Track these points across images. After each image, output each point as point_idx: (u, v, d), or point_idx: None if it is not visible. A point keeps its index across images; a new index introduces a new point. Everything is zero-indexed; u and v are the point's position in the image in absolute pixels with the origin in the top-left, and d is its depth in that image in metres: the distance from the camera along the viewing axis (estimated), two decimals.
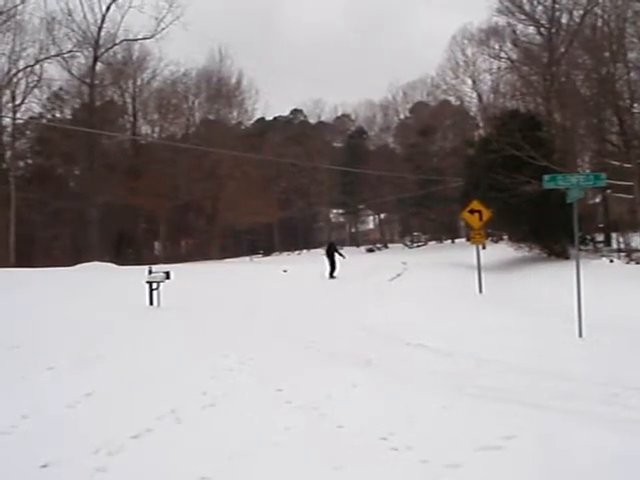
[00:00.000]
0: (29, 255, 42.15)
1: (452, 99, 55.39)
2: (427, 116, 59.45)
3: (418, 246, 54.98)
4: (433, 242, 57.75)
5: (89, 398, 6.17)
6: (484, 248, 23.91)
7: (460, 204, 23.69)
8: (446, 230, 57.59)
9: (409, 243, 57.86)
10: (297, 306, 15.45)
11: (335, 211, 75.27)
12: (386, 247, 58.48)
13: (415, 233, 62.37)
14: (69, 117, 50.47)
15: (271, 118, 72.43)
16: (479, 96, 51.05)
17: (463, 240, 50.45)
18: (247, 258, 51.34)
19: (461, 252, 30.33)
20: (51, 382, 7.12)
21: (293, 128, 74.53)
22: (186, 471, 3.97)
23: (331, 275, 23.26)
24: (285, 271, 26.24)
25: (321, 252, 52.99)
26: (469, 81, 51.37)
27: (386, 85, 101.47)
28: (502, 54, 41.65)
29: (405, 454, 4.21)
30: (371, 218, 77.01)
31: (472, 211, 17.09)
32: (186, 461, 4.19)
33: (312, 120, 77.25)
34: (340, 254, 24.26)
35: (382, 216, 72.32)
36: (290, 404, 5.66)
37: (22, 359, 8.65)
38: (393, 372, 7.12)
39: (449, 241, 55.89)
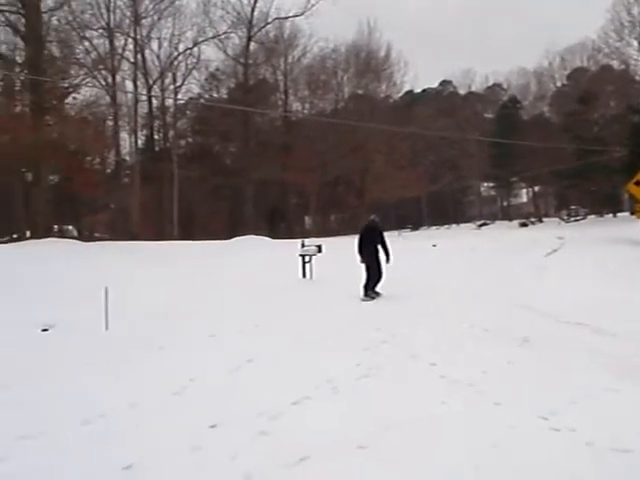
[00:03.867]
0: (190, 229, 44.81)
1: (615, 63, 51.73)
2: (587, 82, 55.87)
3: (576, 220, 52.10)
4: (592, 216, 54.45)
5: (249, 365, 6.49)
6: None
7: (624, 175, 22.06)
8: (607, 203, 54.10)
9: (566, 217, 54.98)
10: (446, 281, 15.24)
11: (486, 184, 73.17)
12: (540, 221, 56.02)
13: (572, 206, 59.05)
14: (225, 96, 52.74)
15: (420, 90, 71.45)
16: None
17: (626, 214, 47.24)
18: (395, 232, 51.30)
19: (624, 227, 28.35)
20: (214, 348, 7.57)
21: (442, 100, 73.04)
22: (344, 439, 4.07)
23: (370, 288, 12.68)
24: (434, 245, 25.97)
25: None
26: (635, 43, 47.56)
27: (540, 51, 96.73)
28: None
29: (568, 435, 4.04)
30: (524, 191, 74.02)
31: (638, 182, 15.89)
32: (343, 429, 4.29)
33: (462, 91, 75.36)
34: (386, 250, 13.17)
35: (536, 189, 69.19)
36: (444, 379, 5.61)
37: (186, 326, 9.26)
38: (551, 351, 6.83)
39: (610, 215, 52.50)
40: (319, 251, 16.13)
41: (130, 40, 41.23)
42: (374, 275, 12.85)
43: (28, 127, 26.35)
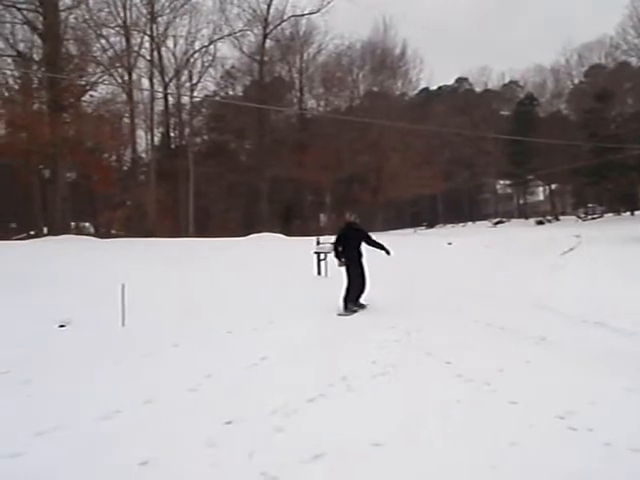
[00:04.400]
0: (206, 226, 44.93)
1: (633, 60, 51.33)
2: (604, 80, 55.37)
3: (593, 218, 51.61)
4: (610, 214, 53.93)
5: (264, 362, 6.50)
6: None
7: None
8: (625, 201, 53.57)
9: (583, 215, 54.49)
10: (461, 279, 15.18)
11: (502, 182, 72.71)
12: (557, 219, 55.51)
13: (589, 205, 58.51)
14: (240, 94, 52.78)
15: (435, 88, 71.21)
16: None
17: None
18: (410, 230, 51.15)
19: None
20: (229, 345, 7.60)
21: (458, 97, 72.78)
22: (360, 436, 4.06)
23: (352, 300, 10.74)
24: (450, 244, 25.87)
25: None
26: None
27: (557, 48, 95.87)
28: None
29: (586, 435, 4.01)
30: (541, 189, 73.52)
31: None
32: (359, 426, 4.28)
33: (478, 88, 74.99)
34: (380, 245, 11.23)
35: (553, 187, 68.69)
36: (460, 377, 5.58)
37: (201, 323, 9.29)
38: (569, 350, 6.79)
39: (628, 213, 51.99)
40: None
41: (146, 38, 41.41)
42: (358, 284, 10.89)
43: (45, 124, 26.57)
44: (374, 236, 11.57)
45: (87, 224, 51.71)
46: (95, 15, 33.93)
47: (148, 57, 42.06)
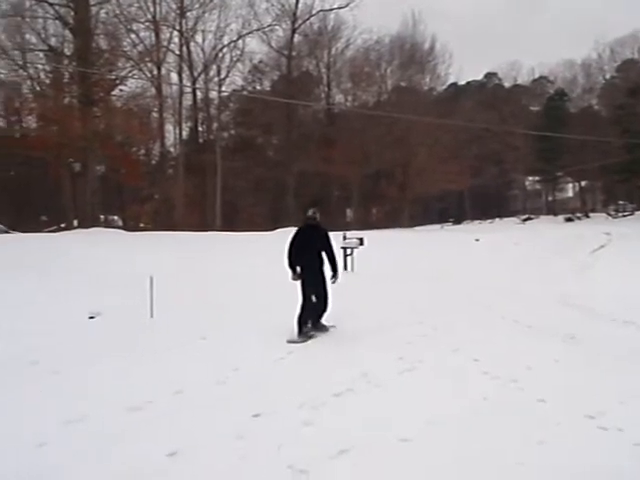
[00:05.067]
0: (233, 220, 45.12)
1: None
2: (637, 75, 54.39)
3: (623, 216, 50.76)
4: None
5: (290, 356, 6.55)
6: None
7: None
8: None
9: (613, 212, 53.64)
10: (489, 276, 15.07)
11: (531, 178, 71.84)
12: (587, 217, 54.73)
13: (620, 202, 57.57)
14: (268, 89, 52.88)
15: (464, 83, 70.52)
16: None
17: None
18: (437, 226, 50.84)
19: None
20: (256, 339, 7.62)
21: (486, 92, 71.96)
22: (386, 432, 4.07)
23: (313, 322, 8.24)
24: (477, 240, 25.68)
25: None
26: None
27: (589, 43, 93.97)
28: None
29: (615, 435, 3.97)
30: (570, 186, 72.52)
31: None
32: (385, 422, 4.29)
33: (507, 83, 74.08)
34: (333, 262, 8.72)
35: (583, 184, 67.74)
36: (487, 375, 5.56)
37: (228, 317, 9.34)
38: (598, 349, 6.72)
39: None
40: (361, 244, 16.11)
41: (175, 33, 41.71)
42: (319, 301, 8.42)
43: (76, 118, 26.93)
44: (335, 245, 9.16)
45: (116, 217, 52.23)
46: (125, 10, 34.19)
47: (177, 52, 42.38)
